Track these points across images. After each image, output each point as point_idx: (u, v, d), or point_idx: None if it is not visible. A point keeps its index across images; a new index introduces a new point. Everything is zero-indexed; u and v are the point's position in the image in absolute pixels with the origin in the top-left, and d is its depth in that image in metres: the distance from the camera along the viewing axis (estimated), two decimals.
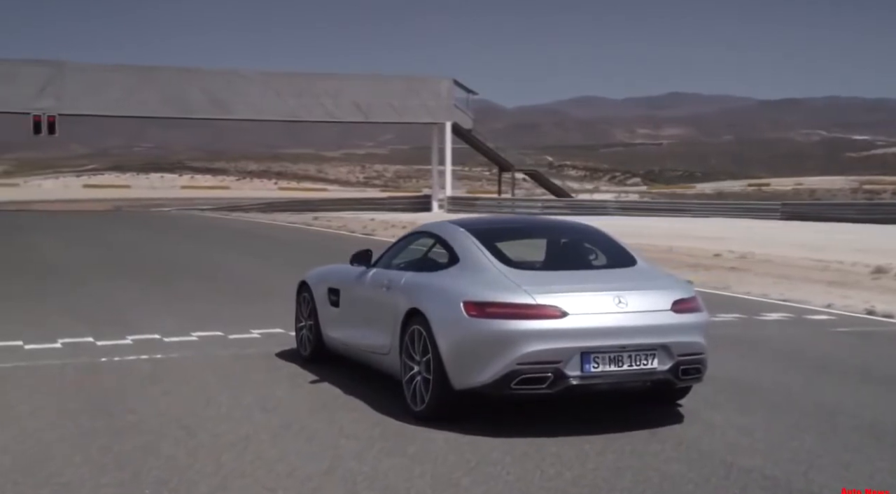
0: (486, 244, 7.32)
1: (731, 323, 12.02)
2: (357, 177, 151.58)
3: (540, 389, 6.58)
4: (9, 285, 15.64)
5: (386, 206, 56.15)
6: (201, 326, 11.10)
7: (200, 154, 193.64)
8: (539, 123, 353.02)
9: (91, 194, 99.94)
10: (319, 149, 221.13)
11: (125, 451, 6.11)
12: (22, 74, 48.82)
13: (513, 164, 59.16)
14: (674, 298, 6.92)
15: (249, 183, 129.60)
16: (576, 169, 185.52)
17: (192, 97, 51.10)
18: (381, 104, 53.92)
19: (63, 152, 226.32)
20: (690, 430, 6.86)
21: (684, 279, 7.59)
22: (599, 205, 52.29)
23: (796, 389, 8.22)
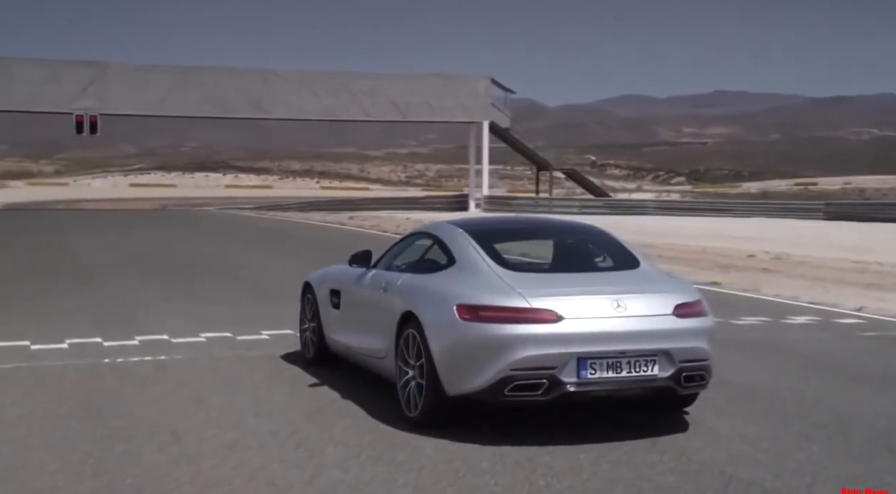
0: (483, 245, 7.10)
1: (754, 327, 11.71)
2: (399, 177, 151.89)
3: (535, 396, 6.35)
4: (30, 284, 15.67)
5: (424, 206, 56.00)
6: (212, 327, 11.01)
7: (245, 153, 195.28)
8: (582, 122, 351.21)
9: (137, 193, 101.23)
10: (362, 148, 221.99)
11: (106, 458, 5.97)
12: (65, 75, 49.43)
13: (551, 164, 58.71)
14: (676, 302, 6.66)
15: (292, 182, 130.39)
16: (619, 168, 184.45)
17: (230, 97, 51.33)
18: (418, 103, 53.77)
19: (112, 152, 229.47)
20: (693, 440, 6.60)
21: (689, 281, 7.31)
22: (638, 205, 51.78)
23: (811, 396, 7.92)
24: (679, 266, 19.57)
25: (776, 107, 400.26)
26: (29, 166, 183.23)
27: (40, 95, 48.92)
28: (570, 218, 10.54)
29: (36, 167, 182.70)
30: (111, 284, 15.79)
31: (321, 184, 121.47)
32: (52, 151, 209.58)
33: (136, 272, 17.94)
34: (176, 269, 18.58)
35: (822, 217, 41.96)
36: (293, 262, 20.31)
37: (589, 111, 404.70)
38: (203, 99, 51.02)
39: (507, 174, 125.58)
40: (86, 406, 7.33)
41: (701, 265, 19.88)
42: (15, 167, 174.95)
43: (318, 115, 54.49)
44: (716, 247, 24.91)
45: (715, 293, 15.30)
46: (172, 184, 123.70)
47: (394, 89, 53.77)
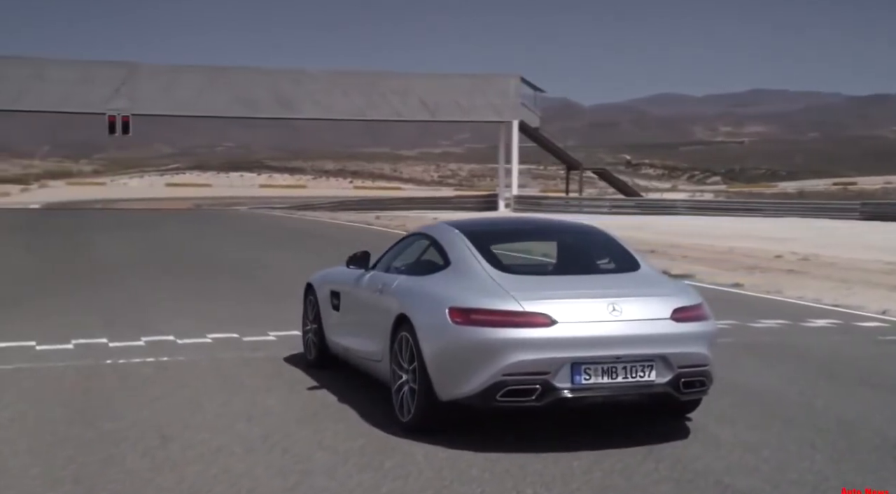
0: (479, 247, 6.95)
1: (770, 330, 11.46)
2: (431, 176, 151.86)
3: (527, 401, 6.20)
4: (49, 283, 15.70)
5: (454, 205, 55.83)
6: (220, 327, 10.94)
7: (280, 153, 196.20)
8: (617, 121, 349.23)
9: (173, 193, 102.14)
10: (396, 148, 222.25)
11: (89, 463, 5.89)
12: (97, 76, 49.81)
13: (581, 163, 58.35)
14: (674, 306, 6.47)
15: (325, 182, 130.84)
16: (654, 167, 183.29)
17: (260, 96, 51.49)
18: (447, 102, 53.62)
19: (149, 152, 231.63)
20: (692, 447, 6.41)
21: (689, 284, 7.10)
22: (669, 205, 51.32)
23: (821, 402, 7.69)
24: (703, 266, 19.31)
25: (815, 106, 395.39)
26: (69, 166, 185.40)
27: (73, 96, 49.37)
28: (571, 219, 10.35)
29: (76, 167, 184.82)
30: (128, 284, 15.79)
31: (354, 184, 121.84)
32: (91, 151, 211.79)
33: (154, 271, 17.95)
34: (194, 269, 18.58)
35: (858, 217, 41.32)
36: (313, 262, 20.19)
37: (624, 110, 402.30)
38: (234, 99, 51.22)
39: (541, 174, 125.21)
40: (79, 408, 7.27)
41: (726, 266, 19.59)
42: (55, 167, 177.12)
43: (348, 115, 54.50)
44: (743, 247, 24.59)
45: (735, 295, 15.06)
46: (208, 183, 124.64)
47: (424, 89, 53.67)
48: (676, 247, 24.87)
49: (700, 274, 17.53)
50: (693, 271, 18.09)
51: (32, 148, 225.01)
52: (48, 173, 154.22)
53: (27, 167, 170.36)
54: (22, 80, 49.07)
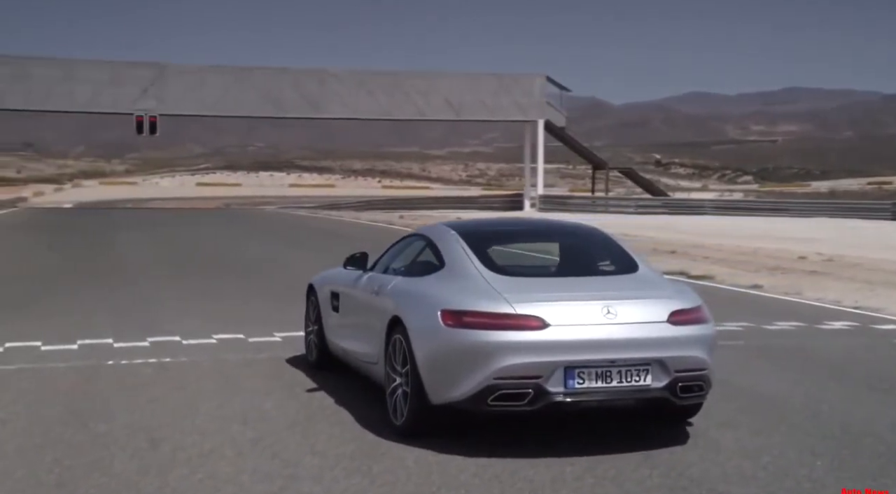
0: (474, 248, 6.84)
1: (784, 332, 11.26)
2: (460, 176, 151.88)
3: (520, 406, 6.08)
4: (65, 283, 15.77)
5: (480, 205, 55.77)
6: (227, 328, 10.92)
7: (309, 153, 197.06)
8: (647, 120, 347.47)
9: (203, 192, 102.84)
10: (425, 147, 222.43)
11: (75, 466, 5.84)
12: (126, 76, 50.26)
13: (606, 163, 58.05)
14: (671, 308, 6.33)
15: (354, 181, 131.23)
16: (684, 167, 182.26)
17: (285, 96, 51.69)
18: (472, 102, 53.54)
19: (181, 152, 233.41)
20: (690, 453, 6.27)
21: (690, 287, 6.95)
22: (696, 205, 50.92)
23: (828, 407, 7.51)
24: (724, 267, 19.09)
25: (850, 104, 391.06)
26: (102, 166, 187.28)
27: (102, 96, 49.84)
28: (572, 219, 10.22)
29: (108, 167, 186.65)
30: (142, 283, 15.84)
31: (382, 184, 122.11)
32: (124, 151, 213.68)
33: (169, 271, 18.00)
34: (210, 268, 18.59)
35: (889, 217, 40.72)
36: (330, 262, 20.17)
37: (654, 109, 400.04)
38: (260, 99, 51.45)
39: (569, 173, 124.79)
40: (74, 409, 7.23)
41: (748, 267, 19.34)
42: (89, 167, 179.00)
43: (373, 115, 54.60)
44: (768, 247, 24.30)
45: (753, 296, 14.86)
46: (238, 183, 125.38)
47: (449, 88, 53.62)
48: (699, 247, 24.62)
49: (720, 276, 17.32)
50: (713, 272, 17.88)
51: (67, 148, 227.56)
52: (82, 173, 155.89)
53: (61, 167, 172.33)
54: (52, 81, 49.61)
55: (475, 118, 57.01)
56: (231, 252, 22.74)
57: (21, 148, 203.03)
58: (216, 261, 20.15)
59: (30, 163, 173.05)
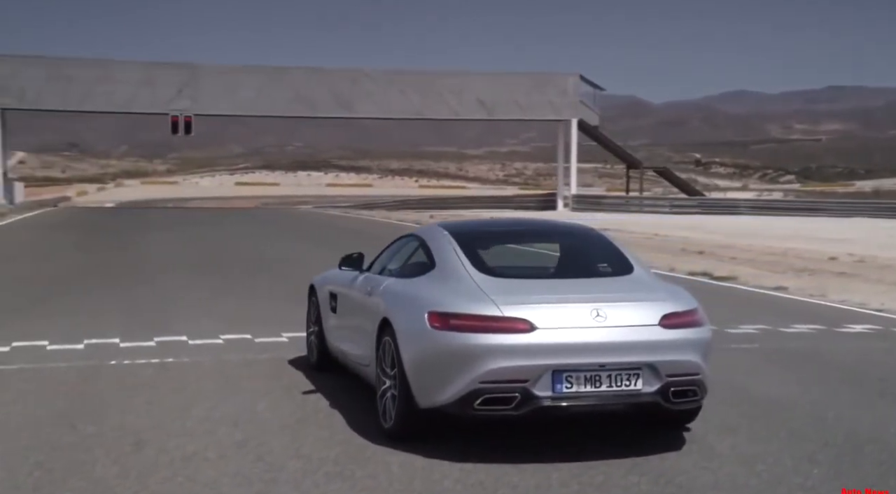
0: (465, 249, 6.72)
1: (802, 335, 11.01)
2: (497, 175, 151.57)
3: (506, 410, 5.95)
4: (80, 282, 15.82)
5: (514, 205, 55.56)
6: (236, 328, 10.89)
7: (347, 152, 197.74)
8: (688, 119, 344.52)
9: (241, 192, 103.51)
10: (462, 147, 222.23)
11: (56, 469, 5.78)
12: (161, 77, 50.71)
13: (641, 162, 57.57)
14: (664, 311, 6.17)
15: (391, 181, 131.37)
16: (724, 166, 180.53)
17: (318, 96, 51.84)
18: (505, 101, 53.34)
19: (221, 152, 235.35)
20: (684, 459, 6.12)
21: (686, 290, 6.77)
22: (731, 204, 50.41)
23: (834, 413, 7.30)
24: (750, 268, 18.79)
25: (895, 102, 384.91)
26: (144, 165, 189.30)
27: (138, 97, 50.34)
28: (572, 220, 10.05)
29: (150, 166, 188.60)
30: (161, 282, 15.87)
31: (419, 183, 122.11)
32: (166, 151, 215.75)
33: (191, 270, 18.01)
34: (232, 268, 18.58)
35: None
36: None
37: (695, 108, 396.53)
38: (293, 99, 51.65)
39: (607, 172, 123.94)
40: (67, 411, 7.19)
41: (775, 268, 19.02)
42: (131, 166, 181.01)
43: (405, 114, 54.62)
44: (799, 248, 23.93)
45: (775, 298, 14.59)
46: (276, 182, 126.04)
47: (481, 87, 53.47)
48: (729, 247, 24.29)
49: (744, 277, 17.04)
50: (737, 273, 17.60)
51: (110, 148, 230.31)
52: (124, 172, 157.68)
53: (104, 167, 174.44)
54: (89, 82, 50.20)
55: (508, 117, 56.81)
56: (256, 251, 22.76)
57: (66, 148, 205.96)
58: (240, 261, 20.16)
59: (74, 163, 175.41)
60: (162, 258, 20.76)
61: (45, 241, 25.91)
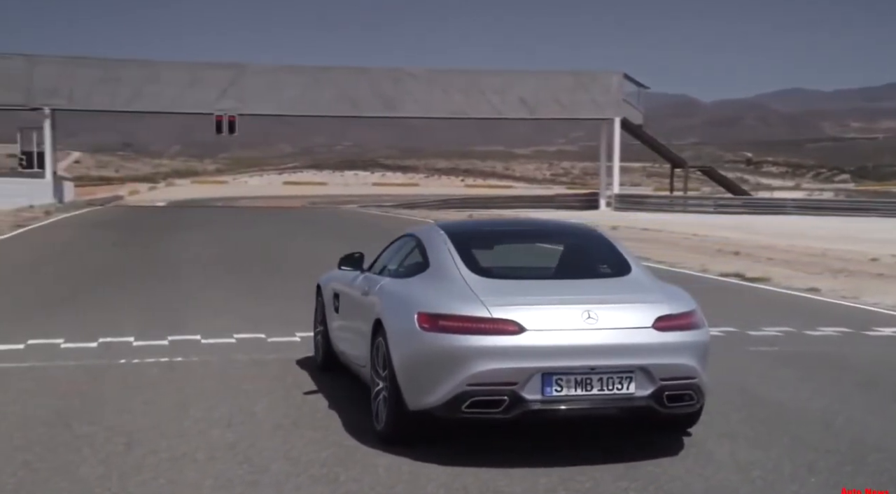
0: (460, 249, 6.62)
1: (826, 339, 10.74)
2: (544, 174, 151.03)
3: (495, 413, 5.84)
4: (109, 280, 15.91)
5: (556, 204, 55.22)
6: (252, 327, 10.88)
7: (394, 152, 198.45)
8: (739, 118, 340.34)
9: (289, 191, 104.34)
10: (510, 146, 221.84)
11: (41, 469, 5.76)
12: (206, 77, 51.21)
13: (685, 161, 56.89)
14: (658, 314, 6.01)
15: (437, 180, 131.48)
16: (776, 165, 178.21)
17: (361, 95, 51.97)
18: (547, 100, 53.02)
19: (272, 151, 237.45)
20: (678, 465, 5.96)
21: (686, 291, 6.59)
22: (777, 204, 49.65)
23: (843, 419, 7.09)
24: (785, 269, 18.44)
25: None
26: (194, 165, 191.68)
27: (184, 97, 50.88)
28: (572, 220, 9.88)
29: (201, 166, 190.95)
30: (187, 281, 15.91)
31: (465, 182, 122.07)
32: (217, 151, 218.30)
33: (221, 269, 18.05)
34: (262, 267, 18.57)
35: None
36: None
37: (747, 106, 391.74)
38: (335, 98, 51.84)
39: (655, 171, 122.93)
40: (65, 410, 7.18)
41: (811, 268, 18.63)
42: (182, 166, 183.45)
43: (446, 113, 54.52)
44: (840, 249, 23.44)
45: (804, 299, 14.28)
46: (323, 182, 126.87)
47: (524, 86, 53.21)
48: (768, 248, 23.87)
49: (777, 278, 16.70)
50: (771, 274, 17.26)
51: (163, 147, 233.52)
52: (175, 172, 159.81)
53: (156, 166, 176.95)
54: (137, 83, 50.86)
55: (550, 116, 56.47)
56: (289, 251, 22.78)
57: (120, 148, 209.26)
58: (272, 260, 20.19)
59: (127, 163, 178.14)
60: (194, 256, 20.86)
61: (83, 239, 26.20)
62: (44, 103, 50.10)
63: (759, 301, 14.07)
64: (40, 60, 51.64)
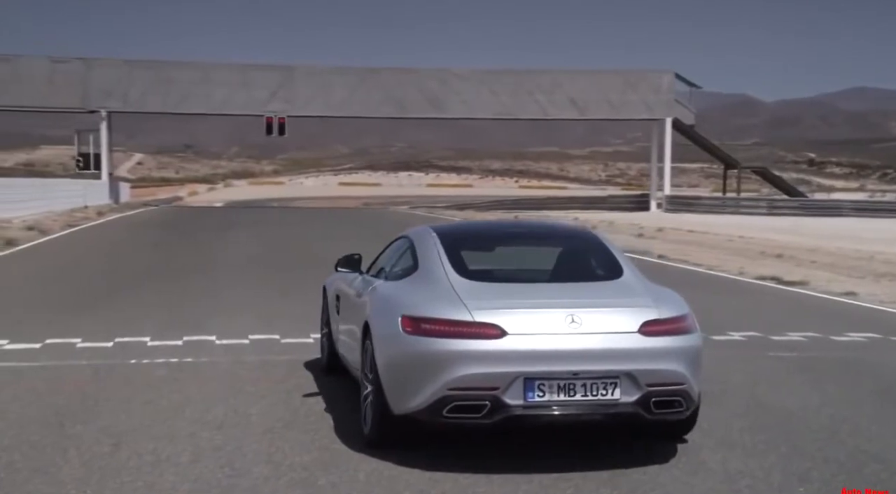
0: (449, 251, 6.54)
1: (850, 344, 10.45)
2: (599, 175, 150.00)
3: (477, 418, 5.74)
4: (138, 280, 16.04)
5: (608, 206, 54.74)
6: (269, 328, 10.89)
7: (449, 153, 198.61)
8: (802, 117, 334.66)
9: (344, 192, 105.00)
10: (566, 147, 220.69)
11: (23, 470, 5.77)
12: (256, 79, 51.69)
13: (738, 162, 56.00)
14: (645, 318, 5.86)
15: (491, 181, 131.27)
16: (840, 166, 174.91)
17: (408, 96, 52.04)
18: (597, 100, 52.55)
19: (327, 153, 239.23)
20: (664, 474, 5.82)
21: (679, 296, 6.42)
22: (833, 205, 48.56)
23: (848, 428, 6.87)
24: (827, 272, 18.03)
25: None
26: (251, 166, 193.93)
27: (235, 99, 51.41)
28: (568, 223, 9.71)
29: (258, 167, 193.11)
30: (216, 280, 16.03)
31: (519, 183, 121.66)
32: (275, 152, 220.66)
33: (252, 269, 18.10)
34: (293, 267, 18.57)
35: None
36: None
37: (810, 105, 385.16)
38: (383, 99, 51.97)
39: (713, 172, 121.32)
40: (63, 410, 7.20)
41: (854, 272, 18.19)
42: (240, 167, 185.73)
43: (493, 114, 54.28)
44: (891, 252, 22.84)
45: (837, 304, 13.95)
46: (377, 182, 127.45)
47: (572, 86, 52.80)
48: (814, 251, 23.37)
49: (815, 281, 16.32)
50: (810, 278, 16.87)
51: (222, 149, 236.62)
52: (233, 173, 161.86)
53: (215, 167, 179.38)
54: (189, 84, 51.49)
55: (599, 117, 55.94)
56: (331, 251, 22.68)
57: (182, 149, 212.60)
58: (310, 260, 20.18)
59: (187, 164, 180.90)
60: (231, 256, 21.02)
61: (127, 239, 26.56)
62: (100, 106, 50.99)
63: (790, 305, 13.76)
64: (96, 63, 52.58)
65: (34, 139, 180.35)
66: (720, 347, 9.99)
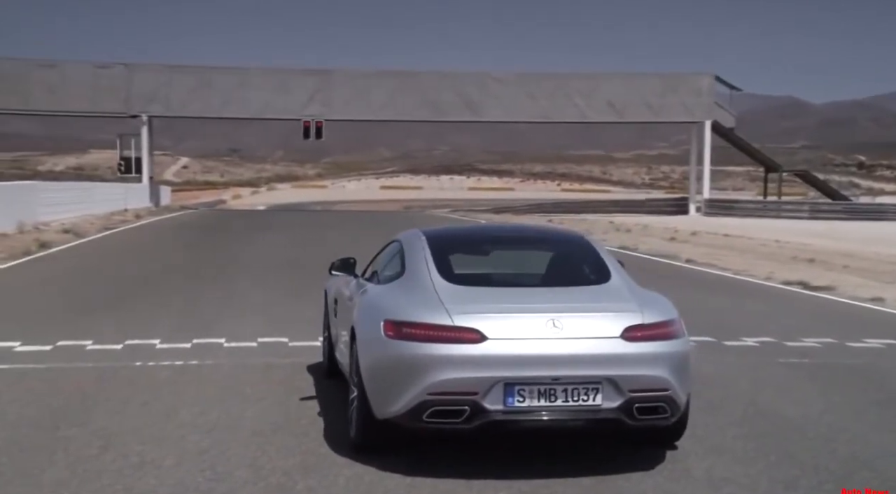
0: (436, 255, 6.51)
1: (865, 351, 10.25)
2: (643, 179, 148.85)
3: (456, 424, 5.70)
4: (162, 281, 16.17)
5: (647, 209, 54.29)
6: (279, 331, 10.91)
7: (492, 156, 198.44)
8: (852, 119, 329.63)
9: (386, 195, 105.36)
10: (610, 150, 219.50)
11: (7, 472, 5.78)
12: (294, 83, 51.94)
13: (780, 165, 55.23)
14: (628, 323, 5.78)
15: (533, 184, 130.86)
16: (891, 169, 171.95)
17: (446, 100, 51.95)
18: (635, 103, 52.09)
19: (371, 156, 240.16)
20: (648, 481, 5.74)
21: (668, 301, 6.31)
22: (878, 209, 47.68)
23: (846, 436, 6.73)
24: (857, 278, 17.73)
25: None
26: (295, 170, 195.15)
27: (273, 103, 51.69)
28: (562, 227, 9.60)
29: (301, 171, 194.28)
30: (236, 282, 16.06)
31: (562, 186, 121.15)
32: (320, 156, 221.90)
33: (273, 271, 18.15)
34: (319, 269, 18.56)
35: None
36: None
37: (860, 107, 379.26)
38: (421, 103, 51.96)
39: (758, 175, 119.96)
40: (59, 412, 7.25)
41: (886, 278, 17.87)
42: (283, 171, 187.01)
43: (531, 117, 54.01)
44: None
45: (861, 309, 13.72)
46: (419, 186, 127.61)
47: (611, 89, 52.41)
48: (849, 255, 22.96)
49: (843, 287, 16.03)
50: (839, 283, 16.57)
51: (267, 153, 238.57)
52: (277, 176, 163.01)
53: (259, 171, 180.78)
54: (228, 89, 51.91)
55: (638, 120, 55.46)
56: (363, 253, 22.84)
57: (227, 153, 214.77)
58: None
59: (232, 168, 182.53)
60: (262, 257, 21.10)
61: (162, 241, 26.77)
62: (142, 110, 51.54)
63: (812, 310, 13.54)
64: (139, 68, 53.19)
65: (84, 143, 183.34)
66: (731, 353, 9.85)
